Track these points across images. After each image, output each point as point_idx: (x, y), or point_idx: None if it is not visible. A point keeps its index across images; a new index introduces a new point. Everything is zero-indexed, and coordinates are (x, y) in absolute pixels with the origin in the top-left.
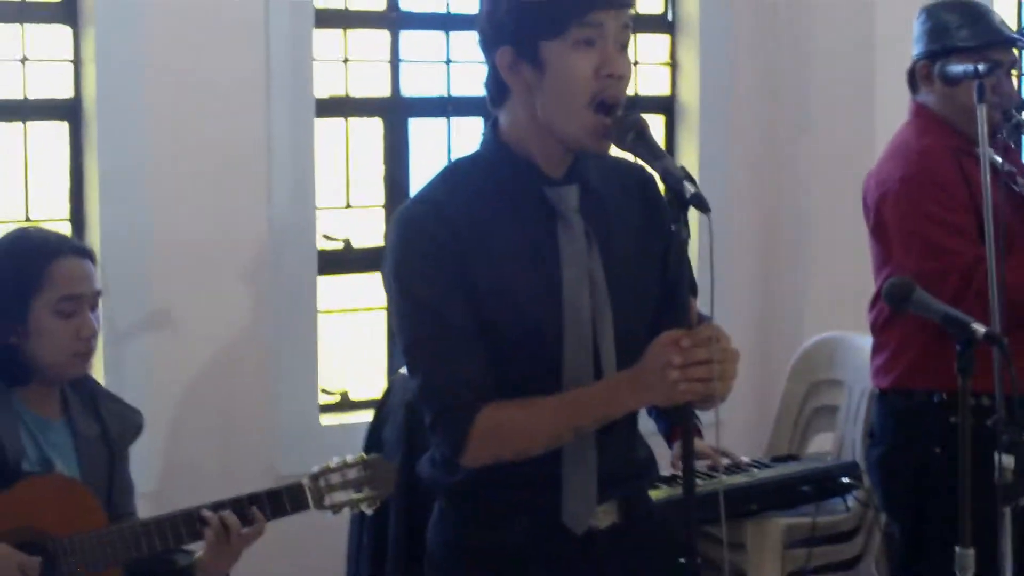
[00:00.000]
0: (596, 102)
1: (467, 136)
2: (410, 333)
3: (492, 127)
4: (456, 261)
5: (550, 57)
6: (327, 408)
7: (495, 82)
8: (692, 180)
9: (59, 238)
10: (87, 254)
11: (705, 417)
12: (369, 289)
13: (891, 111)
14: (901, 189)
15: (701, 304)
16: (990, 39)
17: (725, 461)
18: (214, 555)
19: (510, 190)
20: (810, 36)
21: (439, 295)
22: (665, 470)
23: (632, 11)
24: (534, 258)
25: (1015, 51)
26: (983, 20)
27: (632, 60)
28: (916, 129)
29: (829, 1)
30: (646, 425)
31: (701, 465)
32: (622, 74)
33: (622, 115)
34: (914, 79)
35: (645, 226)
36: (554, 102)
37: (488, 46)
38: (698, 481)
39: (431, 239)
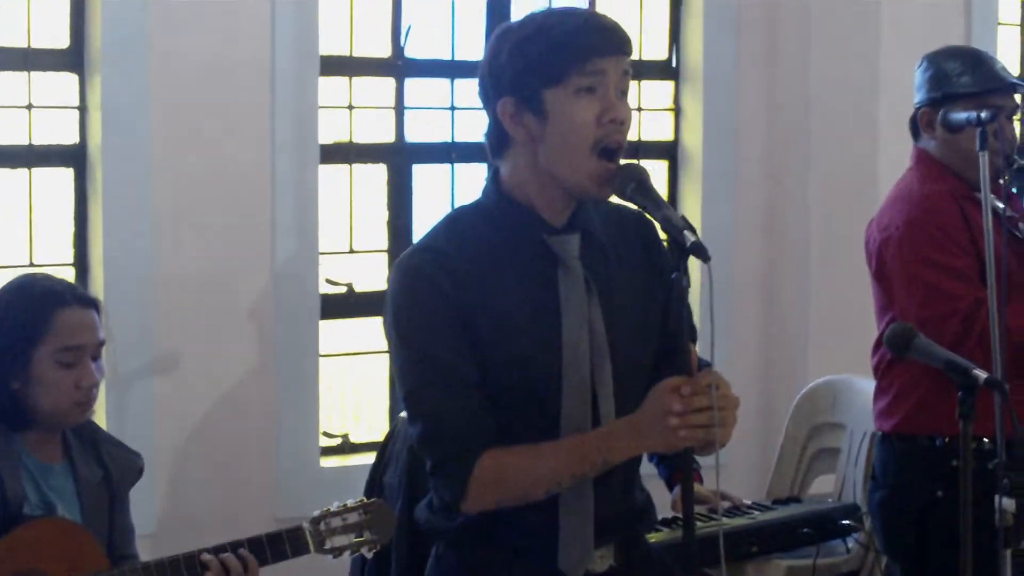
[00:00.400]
0: (599, 148)
1: (471, 182)
2: (410, 380)
3: (493, 176)
4: (457, 309)
5: (552, 105)
6: (328, 451)
7: (496, 133)
8: (692, 229)
9: (65, 287)
10: (92, 304)
11: (706, 461)
12: (371, 333)
13: (894, 157)
14: (904, 234)
15: (702, 349)
16: (991, 85)
17: (726, 504)
18: None
19: (512, 238)
20: (813, 82)
21: (439, 343)
22: (665, 512)
23: (631, 57)
24: (535, 306)
25: (1016, 97)
26: (984, 66)
27: (634, 105)
28: (919, 175)
29: (832, 47)
30: (645, 467)
31: (701, 509)
32: (624, 119)
33: (623, 165)
34: (916, 126)
35: (646, 273)
36: (557, 149)
37: (489, 97)
38: (699, 523)
39: (432, 287)
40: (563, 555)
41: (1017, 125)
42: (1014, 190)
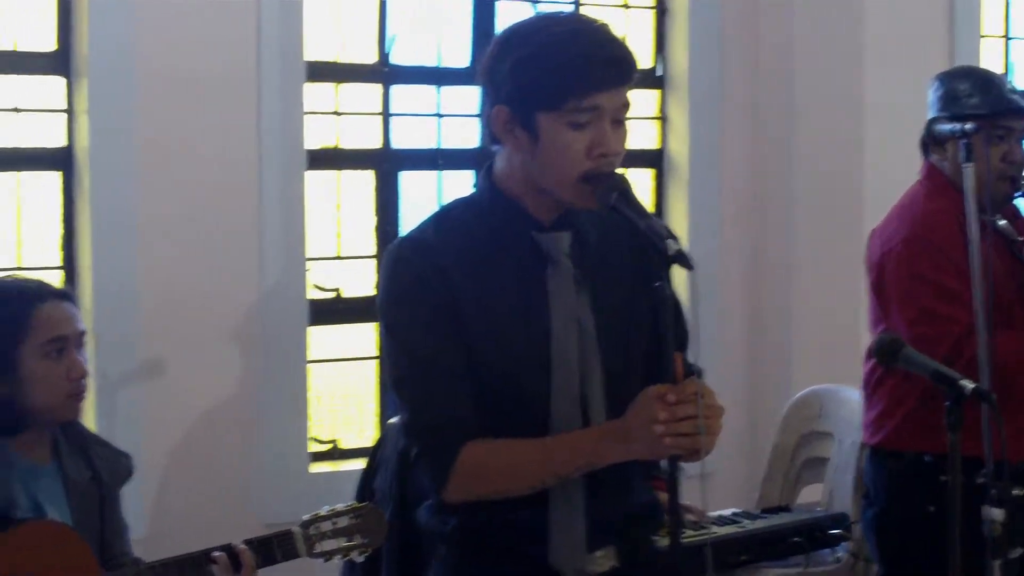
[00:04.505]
0: (586, 177)
1: (458, 189)
2: (396, 369)
3: (487, 171)
4: (443, 301)
5: (545, 128)
6: (317, 456)
7: (491, 131)
8: (675, 238)
9: (37, 284)
10: (67, 296)
11: (691, 469)
12: (360, 339)
13: (878, 167)
14: (902, 251)
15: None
16: (999, 107)
17: (691, 516)
18: None
19: (501, 234)
20: (798, 91)
21: (424, 334)
22: None
23: (631, 87)
24: (523, 303)
25: None
26: (994, 89)
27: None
28: (925, 190)
29: (816, 56)
30: None
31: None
32: (615, 152)
33: (605, 175)
34: (927, 142)
35: (635, 276)
36: (545, 171)
37: (485, 97)
38: (689, 532)
39: (417, 278)
40: (553, 551)
41: None
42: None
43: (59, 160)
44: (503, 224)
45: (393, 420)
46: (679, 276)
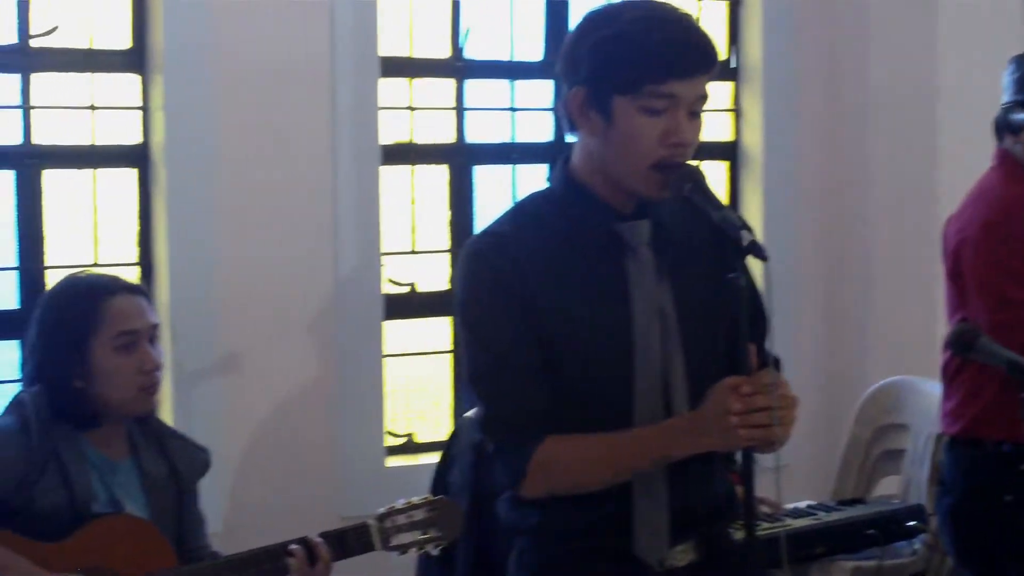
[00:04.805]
0: (659, 167)
1: (531, 183)
2: (474, 365)
3: (564, 163)
4: (520, 295)
5: (619, 112)
6: (393, 450)
7: (567, 114)
8: (749, 228)
9: (109, 279)
10: (138, 290)
11: (766, 461)
12: (435, 333)
13: (954, 155)
14: (979, 236)
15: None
16: None
17: (765, 509)
18: None
19: (579, 224)
20: (873, 83)
21: (501, 329)
22: None
23: (710, 78)
24: (603, 293)
25: None
26: None
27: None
28: (1000, 176)
29: (892, 45)
30: None
31: (762, 510)
32: (689, 143)
33: (679, 165)
34: (1000, 127)
35: (713, 266)
36: (617, 155)
37: (563, 78)
38: (764, 525)
39: (494, 273)
40: (638, 541)
41: None
42: None
43: (135, 157)
44: (581, 215)
45: (468, 414)
46: (756, 268)
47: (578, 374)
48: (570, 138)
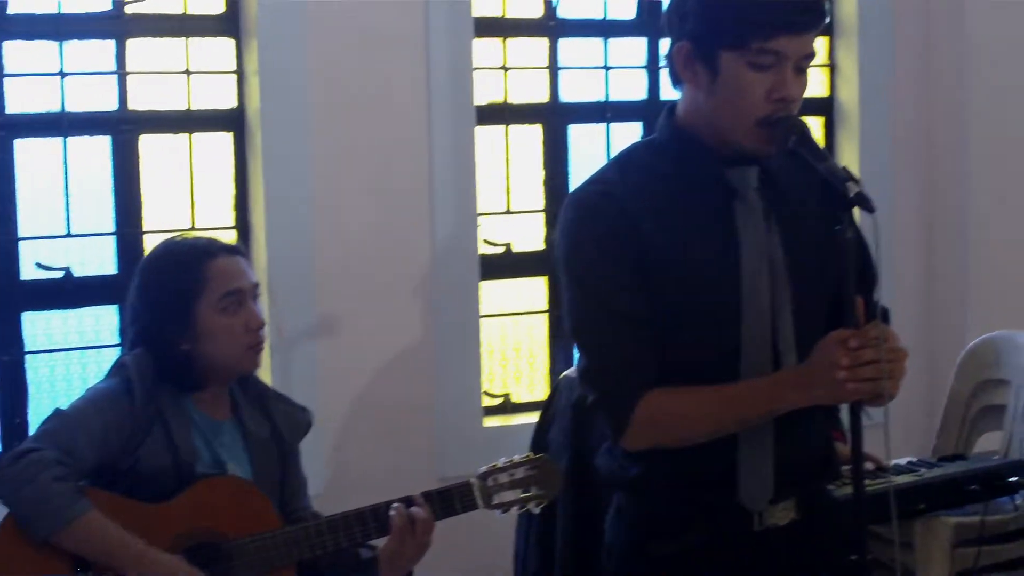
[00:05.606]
0: (763, 122)
1: (626, 141)
2: (576, 316)
3: (668, 113)
4: (627, 243)
5: (726, 67)
6: (490, 411)
7: (672, 69)
8: (856, 180)
9: (207, 240)
10: (237, 250)
11: (876, 415)
12: (530, 293)
13: None
14: None
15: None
16: None
17: (870, 466)
18: (398, 546)
19: (686, 171)
20: (970, 34)
21: (607, 279)
22: None
23: (817, 35)
24: (711, 238)
25: None
26: None
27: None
28: None
29: (989, 1)
30: None
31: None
32: (794, 99)
33: (783, 118)
34: None
35: (820, 217)
36: (722, 109)
37: (670, 31)
38: (868, 481)
39: (600, 221)
40: (744, 489)
41: None
42: None
43: (231, 121)
44: (688, 161)
45: (567, 372)
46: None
47: (684, 319)
48: (672, 93)
